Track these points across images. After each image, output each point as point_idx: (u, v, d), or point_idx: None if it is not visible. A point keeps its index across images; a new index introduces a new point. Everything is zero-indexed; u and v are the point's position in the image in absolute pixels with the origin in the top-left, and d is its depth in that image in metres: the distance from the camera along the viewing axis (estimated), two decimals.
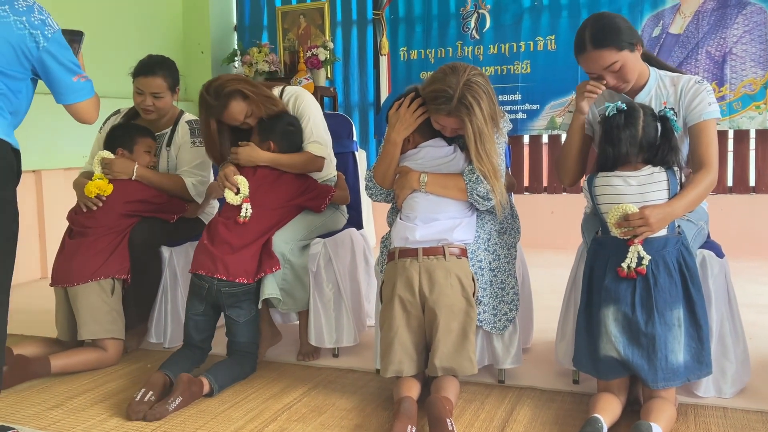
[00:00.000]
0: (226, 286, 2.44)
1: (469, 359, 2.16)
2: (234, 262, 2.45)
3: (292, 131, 2.69)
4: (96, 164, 2.77)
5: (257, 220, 2.54)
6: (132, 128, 2.91)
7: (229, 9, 5.94)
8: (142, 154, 2.85)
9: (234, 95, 2.57)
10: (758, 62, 4.51)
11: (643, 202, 2.06)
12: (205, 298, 2.47)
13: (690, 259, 2.09)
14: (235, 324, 2.49)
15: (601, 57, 2.16)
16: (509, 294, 2.34)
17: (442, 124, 2.27)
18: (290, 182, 2.66)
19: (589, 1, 4.87)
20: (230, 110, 2.59)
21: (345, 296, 2.70)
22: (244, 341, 2.51)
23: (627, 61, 2.17)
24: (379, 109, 5.45)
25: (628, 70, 2.19)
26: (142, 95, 2.87)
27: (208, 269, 2.45)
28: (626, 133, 2.08)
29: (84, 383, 2.51)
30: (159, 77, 2.85)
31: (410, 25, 5.36)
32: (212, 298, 2.47)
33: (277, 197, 2.61)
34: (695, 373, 2.07)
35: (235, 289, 2.45)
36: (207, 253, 2.48)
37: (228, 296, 2.45)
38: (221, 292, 2.45)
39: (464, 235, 2.24)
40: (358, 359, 2.68)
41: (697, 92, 2.22)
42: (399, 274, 2.18)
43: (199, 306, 2.49)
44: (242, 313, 2.49)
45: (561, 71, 4.96)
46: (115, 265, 2.68)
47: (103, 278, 2.65)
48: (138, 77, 2.87)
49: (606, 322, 2.07)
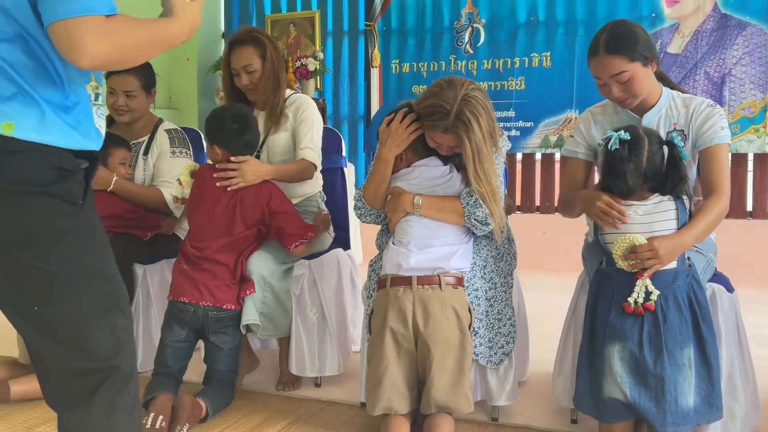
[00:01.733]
0: (214, 311, 2.28)
1: (466, 396, 2.00)
2: (219, 287, 2.30)
3: (237, 130, 2.39)
4: None
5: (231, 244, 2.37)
6: (107, 137, 2.71)
7: (216, 16, 5.78)
8: (116, 167, 2.67)
9: (254, 42, 2.56)
10: (758, 84, 4.41)
11: (651, 232, 1.93)
12: (188, 323, 2.29)
13: (701, 294, 1.96)
14: (219, 351, 2.32)
15: (611, 63, 2.02)
16: (506, 326, 2.18)
17: (438, 142, 2.13)
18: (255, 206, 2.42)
19: (587, 18, 4.77)
20: (243, 49, 2.56)
21: (330, 322, 2.53)
22: (225, 369, 2.34)
23: (637, 74, 2.03)
24: (370, 122, 5.31)
25: (636, 84, 2.04)
26: (114, 95, 2.73)
27: (191, 296, 2.28)
28: (630, 166, 1.94)
29: (47, 410, 2.27)
30: (131, 75, 2.71)
31: (403, 38, 5.23)
32: (197, 324, 2.29)
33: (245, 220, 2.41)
34: (705, 417, 1.93)
35: (222, 314, 2.29)
36: (188, 279, 2.30)
37: (215, 321, 2.29)
38: (208, 317, 2.28)
39: (461, 263, 2.09)
40: (341, 390, 2.51)
41: (710, 115, 2.10)
42: (391, 304, 2.02)
43: (180, 332, 2.30)
44: (227, 339, 2.32)
45: (556, 89, 4.84)
46: None
47: None
48: (110, 76, 2.73)
49: (611, 360, 1.92)
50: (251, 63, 2.58)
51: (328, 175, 2.89)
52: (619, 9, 4.67)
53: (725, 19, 4.44)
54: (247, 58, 2.58)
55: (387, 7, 5.26)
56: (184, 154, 2.86)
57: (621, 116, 2.20)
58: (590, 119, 2.28)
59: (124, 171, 2.69)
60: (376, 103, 5.32)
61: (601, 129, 2.23)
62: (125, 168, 2.70)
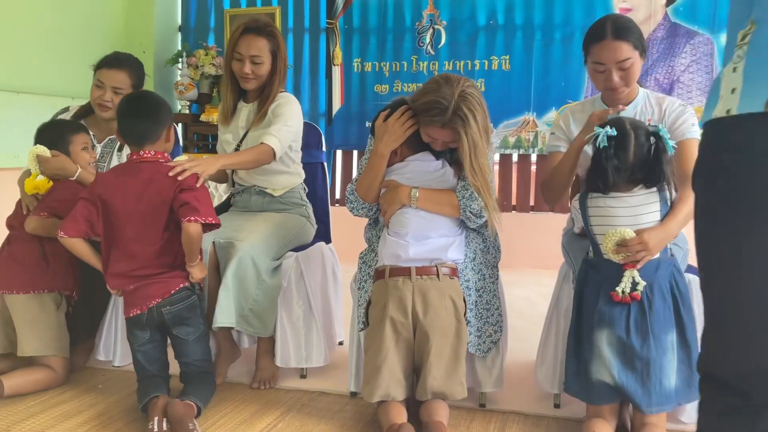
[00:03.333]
0: (166, 305, 2.19)
1: (461, 383, 2.07)
2: (157, 282, 2.20)
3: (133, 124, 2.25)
4: (31, 161, 2.49)
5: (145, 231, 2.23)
6: (62, 125, 2.61)
7: (173, 9, 5.69)
8: (79, 153, 2.54)
9: (269, 36, 2.60)
10: (704, 91, 4.65)
11: (637, 225, 2.03)
12: (146, 324, 2.21)
13: (682, 281, 2.08)
14: (185, 343, 2.24)
15: (619, 48, 2.14)
16: (494, 315, 2.26)
17: (433, 137, 2.19)
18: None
19: (544, 23, 4.92)
20: (257, 39, 2.58)
21: (316, 314, 2.56)
22: (199, 359, 2.27)
23: (635, 63, 2.18)
24: (331, 120, 5.33)
25: (633, 73, 2.20)
26: (101, 88, 2.65)
27: (140, 306, 2.19)
28: (617, 162, 2.03)
29: (30, 406, 2.27)
30: (124, 71, 2.65)
31: (365, 37, 5.28)
32: (155, 323, 2.21)
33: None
34: (686, 397, 2.04)
35: (175, 308, 2.20)
36: (132, 294, 2.20)
37: (171, 316, 2.20)
38: (162, 314, 2.19)
39: (457, 255, 2.16)
40: (329, 381, 2.54)
41: (682, 113, 2.26)
42: (391, 294, 2.06)
43: (142, 335, 2.22)
44: (190, 330, 2.24)
45: (515, 91, 4.98)
46: (60, 278, 2.45)
47: (47, 291, 2.42)
48: (101, 69, 2.66)
49: (599, 345, 2.02)
50: (260, 55, 2.59)
51: (309, 170, 2.91)
52: (575, 15, 4.85)
53: (675, 28, 4.67)
54: (258, 49, 2.59)
55: (349, 5, 5.30)
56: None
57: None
58: (569, 116, 2.40)
59: (89, 156, 2.57)
60: (338, 101, 5.35)
61: (580, 125, 2.34)
62: (89, 152, 2.58)
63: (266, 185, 2.68)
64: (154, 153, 2.25)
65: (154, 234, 2.20)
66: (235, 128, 2.71)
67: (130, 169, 2.25)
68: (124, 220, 2.20)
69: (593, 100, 2.41)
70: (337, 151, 5.42)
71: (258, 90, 2.68)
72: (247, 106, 2.70)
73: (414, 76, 5.17)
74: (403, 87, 5.19)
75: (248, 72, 2.59)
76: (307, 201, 2.79)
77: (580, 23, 4.83)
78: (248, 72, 2.59)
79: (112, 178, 2.27)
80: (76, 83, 4.47)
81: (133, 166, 2.24)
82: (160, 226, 2.20)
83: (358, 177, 2.33)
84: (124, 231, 2.21)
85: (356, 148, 5.37)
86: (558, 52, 4.90)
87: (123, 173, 2.26)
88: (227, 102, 2.70)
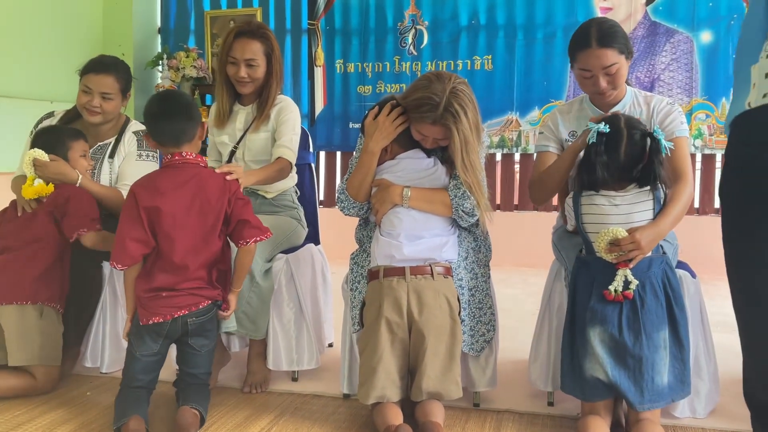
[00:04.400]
0: (192, 317, 2.11)
1: (456, 382, 2.06)
2: (193, 291, 2.12)
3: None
4: (27, 166, 2.44)
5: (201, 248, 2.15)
6: (61, 131, 2.58)
7: (152, 10, 5.63)
8: (78, 160, 2.54)
9: (263, 39, 2.58)
10: (684, 89, 4.71)
11: (629, 223, 2.03)
12: (165, 335, 2.11)
13: (674, 279, 2.09)
14: (197, 355, 2.17)
15: (604, 55, 2.15)
16: (486, 314, 2.26)
17: (424, 134, 2.18)
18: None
19: (525, 23, 4.95)
20: (251, 42, 2.56)
21: (307, 316, 2.54)
22: (204, 372, 2.21)
23: (622, 67, 2.19)
24: (314, 121, 5.31)
25: (620, 76, 2.20)
26: (89, 94, 2.59)
27: (167, 314, 2.08)
28: (606, 158, 2.03)
29: (16, 415, 2.22)
30: (111, 76, 2.60)
31: (347, 38, 5.27)
32: (175, 334, 2.12)
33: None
34: (678, 393, 2.06)
35: (201, 318, 2.14)
36: (163, 300, 2.09)
37: (195, 327, 2.13)
38: (188, 325, 2.11)
39: (451, 254, 2.15)
40: (320, 384, 2.52)
41: (670, 112, 2.27)
42: (385, 294, 2.05)
43: (153, 345, 2.11)
44: (206, 343, 2.17)
45: (498, 91, 5.01)
46: (45, 290, 2.39)
47: (29, 303, 2.37)
48: (88, 74, 2.60)
49: (593, 342, 2.02)
50: (255, 58, 2.57)
51: (297, 172, 2.87)
52: (557, 15, 4.88)
53: (655, 27, 4.72)
54: (253, 52, 2.57)
55: (330, 6, 5.29)
56: (151, 157, 2.74)
57: (587, 112, 2.32)
58: (557, 116, 2.40)
59: (86, 163, 2.57)
60: (320, 102, 5.33)
61: (567, 124, 2.35)
62: (87, 160, 2.58)
63: (259, 187, 2.66)
64: (195, 155, 2.18)
65: (204, 246, 2.12)
66: (232, 130, 2.69)
67: (175, 174, 2.14)
68: (177, 231, 2.09)
69: (581, 100, 2.41)
70: (320, 152, 5.40)
71: (255, 93, 2.66)
72: (245, 108, 2.68)
73: (397, 77, 5.17)
74: (386, 87, 5.19)
75: (244, 75, 2.57)
76: (298, 204, 2.77)
77: (561, 23, 4.86)
78: (244, 75, 2.57)
79: (157, 185, 2.13)
80: (55, 86, 4.42)
81: (178, 171, 2.14)
82: (213, 237, 2.13)
83: (348, 176, 2.31)
84: (175, 243, 2.09)
85: (340, 149, 5.35)
86: (540, 51, 4.93)
87: (169, 179, 2.14)
88: (223, 105, 2.67)
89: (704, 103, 4.69)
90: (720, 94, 4.66)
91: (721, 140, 4.69)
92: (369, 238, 2.31)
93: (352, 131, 5.22)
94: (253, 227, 2.16)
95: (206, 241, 2.12)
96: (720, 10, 4.63)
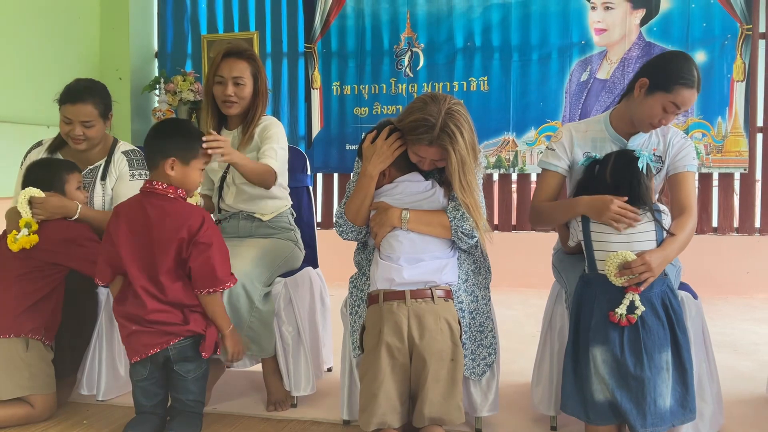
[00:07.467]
0: (173, 349, 2.15)
1: (458, 407, 2.03)
2: (172, 325, 2.14)
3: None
4: (23, 204, 2.40)
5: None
6: (55, 165, 2.56)
7: (149, 35, 5.65)
8: (74, 193, 2.51)
9: (249, 60, 2.62)
10: None
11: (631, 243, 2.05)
12: (150, 362, 2.15)
13: (675, 301, 2.08)
14: (184, 380, 2.17)
15: (694, 97, 2.15)
16: (488, 337, 2.24)
17: (421, 156, 2.17)
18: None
19: (521, 44, 4.97)
20: (238, 62, 2.59)
21: (305, 340, 2.51)
22: (191, 399, 2.19)
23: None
24: (311, 143, 5.31)
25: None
26: (70, 124, 2.56)
27: (148, 350, 2.13)
28: (596, 182, 2.13)
29: None
30: (89, 104, 2.56)
31: (343, 60, 5.29)
32: (158, 364, 2.16)
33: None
34: (679, 418, 2.04)
35: (183, 344, 2.15)
36: (140, 336, 2.14)
37: (177, 352, 2.15)
38: (169, 353, 2.14)
39: (451, 277, 2.14)
40: (320, 410, 2.49)
41: (683, 146, 2.29)
42: (386, 319, 2.03)
43: (142, 371, 2.16)
44: (191, 368, 2.17)
45: (494, 112, 5.01)
46: (29, 322, 2.34)
47: (12, 336, 2.33)
48: (65, 105, 2.56)
49: (596, 362, 2.01)
50: (242, 76, 2.58)
51: (294, 194, 2.87)
52: (551, 36, 4.91)
53: (649, 47, 4.74)
54: (240, 71, 2.58)
55: (327, 30, 5.31)
56: (144, 176, 2.73)
57: (606, 134, 2.31)
58: (572, 134, 2.35)
59: (83, 196, 2.55)
60: (317, 124, 5.33)
61: (582, 144, 2.32)
62: (82, 192, 2.56)
63: (254, 209, 2.65)
64: (165, 186, 2.17)
65: (156, 285, 2.12)
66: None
67: (140, 203, 2.17)
68: (129, 264, 2.13)
69: (598, 120, 2.37)
70: (317, 175, 5.40)
71: (241, 116, 2.65)
72: (230, 133, 2.67)
73: (393, 98, 5.18)
74: (382, 109, 5.20)
75: (231, 94, 2.57)
76: (295, 226, 2.75)
77: (556, 44, 4.88)
78: (231, 94, 2.57)
79: (118, 211, 2.20)
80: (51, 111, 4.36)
81: (144, 200, 2.17)
82: (168, 277, 2.12)
83: (346, 200, 2.30)
84: (130, 274, 2.13)
85: (337, 171, 5.34)
86: (536, 72, 4.95)
87: (133, 208, 2.18)
88: (208, 129, 2.65)
89: (700, 122, 4.70)
90: (716, 114, 4.68)
91: (718, 159, 4.70)
92: (368, 262, 2.29)
93: (348, 153, 5.22)
94: (206, 277, 2.11)
95: (158, 280, 2.12)
96: (714, 30, 4.65)
